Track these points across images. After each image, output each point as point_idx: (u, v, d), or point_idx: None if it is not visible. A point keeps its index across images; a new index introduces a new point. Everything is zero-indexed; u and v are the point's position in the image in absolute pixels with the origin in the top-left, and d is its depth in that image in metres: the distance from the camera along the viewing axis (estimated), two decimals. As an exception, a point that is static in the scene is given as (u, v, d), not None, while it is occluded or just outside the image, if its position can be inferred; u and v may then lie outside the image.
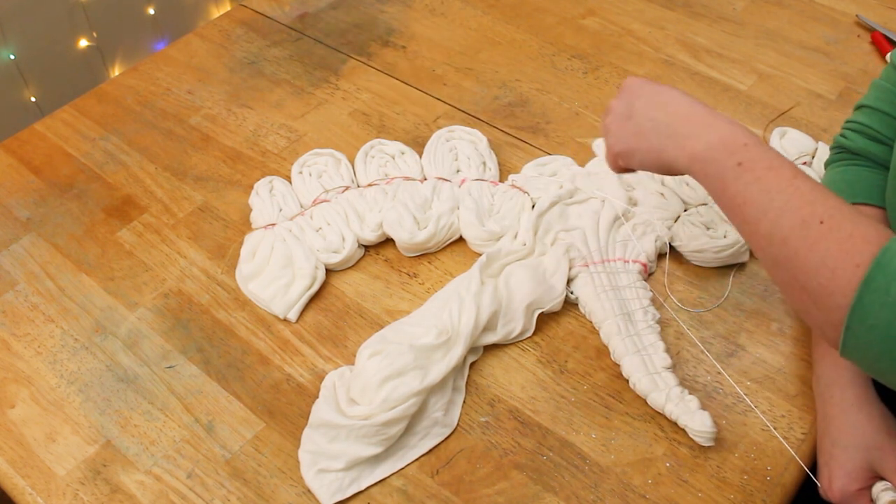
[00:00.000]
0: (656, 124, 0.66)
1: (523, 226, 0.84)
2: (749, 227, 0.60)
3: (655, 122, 0.66)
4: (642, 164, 0.68)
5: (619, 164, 0.71)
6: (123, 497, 0.68)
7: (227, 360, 0.77)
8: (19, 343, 0.79)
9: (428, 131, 0.98)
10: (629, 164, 0.69)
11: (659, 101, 0.67)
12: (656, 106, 0.67)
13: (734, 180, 0.60)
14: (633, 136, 0.68)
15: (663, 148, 0.65)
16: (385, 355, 0.71)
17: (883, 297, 0.51)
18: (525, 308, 0.77)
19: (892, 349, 0.51)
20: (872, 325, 0.51)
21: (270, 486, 0.69)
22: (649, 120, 0.67)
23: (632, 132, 0.68)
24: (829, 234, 0.54)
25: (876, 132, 0.78)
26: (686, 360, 0.76)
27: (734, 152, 0.61)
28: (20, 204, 0.92)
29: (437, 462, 0.70)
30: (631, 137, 0.68)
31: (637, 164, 0.69)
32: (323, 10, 1.18)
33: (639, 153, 0.67)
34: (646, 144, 0.66)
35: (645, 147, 0.67)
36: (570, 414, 0.73)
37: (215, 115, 1.02)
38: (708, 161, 0.62)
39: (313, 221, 0.86)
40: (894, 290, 0.50)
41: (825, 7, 1.16)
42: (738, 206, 0.60)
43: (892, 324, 0.50)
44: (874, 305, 0.51)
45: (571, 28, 1.13)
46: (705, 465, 0.69)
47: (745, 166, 0.60)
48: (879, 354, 0.52)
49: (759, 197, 0.59)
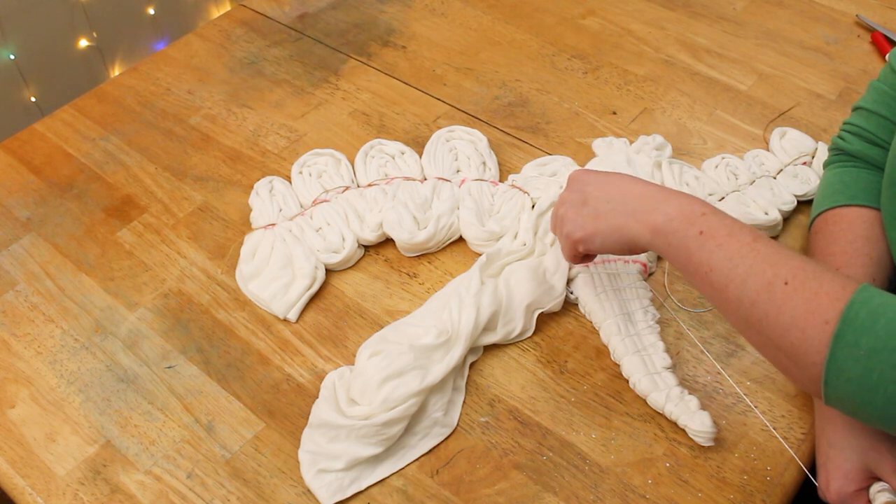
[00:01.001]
0: (613, 205, 0.67)
1: (523, 226, 0.84)
2: (717, 294, 0.61)
3: (612, 203, 0.67)
4: (603, 244, 0.68)
5: (579, 250, 0.71)
6: (123, 497, 0.68)
7: (227, 360, 0.77)
8: (19, 343, 0.79)
9: (428, 131, 0.98)
10: (590, 248, 0.70)
11: (611, 183, 0.69)
12: (609, 188, 0.68)
13: (697, 249, 0.61)
14: (591, 220, 0.68)
15: (623, 225, 0.66)
16: (385, 355, 0.71)
17: (854, 352, 0.53)
18: (525, 308, 0.77)
19: (870, 399, 0.53)
20: (849, 379, 0.53)
21: (270, 486, 0.69)
22: (605, 202, 0.68)
23: (589, 217, 0.68)
24: (794, 294, 0.56)
25: (872, 135, 0.78)
26: (686, 360, 0.76)
27: (693, 222, 0.62)
28: (20, 204, 0.92)
29: (437, 462, 0.70)
30: (589, 222, 0.68)
31: (598, 247, 0.69)
32: (323, 10, 1.18)
33: (599, 235, 0.68)
34: (605, 225, 0.67)
35: (604, 228, 0.67)
36: (570, 414, 0.73)
37: (215, 115, 1.02)
38: (669, 232, 0.63)
39: (313, 221, 0.86)
40: (864, 343, 0.52)
41: (825, 7, 1.16)
42: (704, 274, 0.61)
43: (866, 375, 0.52)
44: (847, 360, 0.53)
45: (571, 28, 1.14)
46: (705, 465, 0.69)
47: (707, 234, 0.61)
48: (860, 404, 0.54)
49: (724, 264, 0.60)
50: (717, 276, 0.60)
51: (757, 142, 0.97)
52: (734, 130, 0.98)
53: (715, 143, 0.97)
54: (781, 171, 0.91)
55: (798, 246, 0.86)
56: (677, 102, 1.02)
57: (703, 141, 0.97)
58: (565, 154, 0.95)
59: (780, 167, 0.92)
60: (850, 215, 0.77)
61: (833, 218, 0.78)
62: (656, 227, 0.64)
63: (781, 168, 0.91)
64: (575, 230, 0.70)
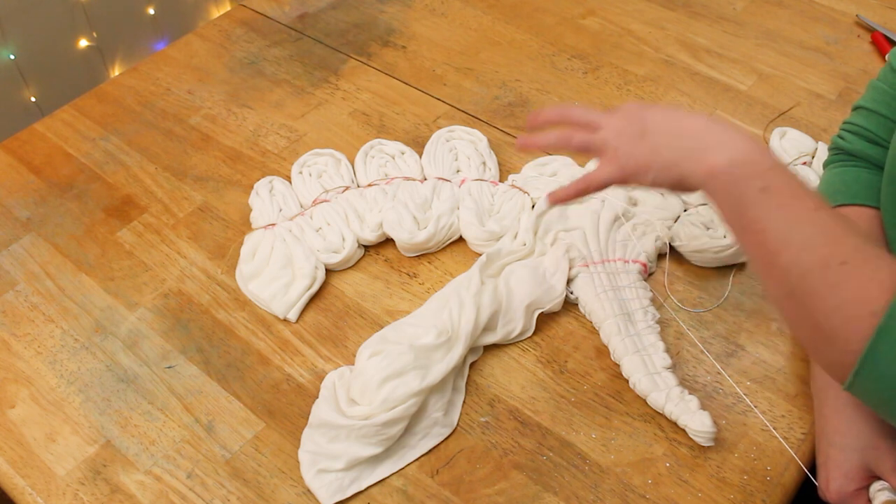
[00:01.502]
0: (673, 138, 0.63)
1: (523, 226, 0.84)
2: (766, 257, 0.57)
3: (672, 137, 0.63)
4: (656, 180, 0.64)
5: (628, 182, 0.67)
6: (123, 497, 0.68)
7: (227, 360, 0.77)
8: (19, 343, 0.79)
9: (428, 131, 0.98)
10: (641, 181, 0.66)
11: (673, 116, 0.65)
12: (672, 120, 0.64)
13: (755, 205, 0.57)
14: (647, 154, 0.64)
15: (680, 161, 0.62)
16: (385, 355, 0.71)
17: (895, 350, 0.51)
18: (525, 308, 0.77)
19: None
20: (883, 375, 0.52)
21: (270, 486, 0.69)
22: (665, 134, 0.64)
23: (647, 150, 0.64)
24: (849, 277, 0.53)
25: (872, 134, 0.78)
26: (686, 360, 0.76)
27: (758, 175, 0.58)
28: (20, 204, 0.92)
29: (437, 462, 0.70)
30: (646, 155, 0.64)
31: (650, 181, 0.65)
32: (323, 10, 1.18)
33: (653, 169, 0.64)
34: (661, 160, 0.63)
35: (660, 163, 0.63)
36: (570, 414, 0.73)
37: (215, 115, 1.02)
38: (729, 180, 0.59)
39: (313, 221, 0.86)
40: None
41: (825, 7, 1.16)
42: (756, 233, 0.57)
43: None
44: (887, 356, 0.51)
45: (571, 28, 1.13)
46: (705, 465, 0.69)
47: (770, 191, 0.57)
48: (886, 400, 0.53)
49: (781, 227, 0.56)
50: (771, 238, 0.56)
51: (757, 142, 0.97)
52: (734, 130, 0.98)
53: (715, 143, 0.97)
54: (781, 171, 0.91)
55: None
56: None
57: (703, 141, 0.97)
58: (565, 154, 0.95)
59: (780, 167, 0.91)
60: (851, 215, 0.77)
61: None
62: (715, 170, 0.59)
63: (781, 168, 0.91)
64: (629, 163, 0.65)
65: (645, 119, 0.66)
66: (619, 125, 0.68)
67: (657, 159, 0.64)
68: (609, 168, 0.67)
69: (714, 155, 0.60)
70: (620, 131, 0.67)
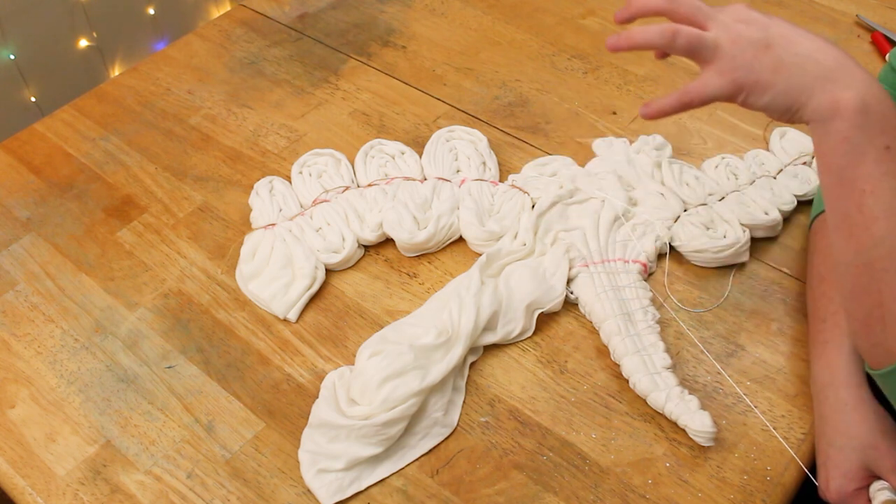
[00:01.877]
0: (804, 58, 0.55)
1: (523, 226, 0.84)
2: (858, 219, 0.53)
3: (803, 56, 0.55)
4: (772, 102, 0.56)
5: (738, 99, 0.58)
6: (123, 497, 0.68)
7: (227, 360, 0.77)
8: (19, 343, 0.79)
9: (428, 131, 0.98)
10: (756, 100, 0.57)
11: (801, 33, 0.57)
12: (801, 37, 0.56)
13: (874, 162, 0.52)
14: (771, 70, 0.56)
15: (807, 88, 0.54)
16: (385, 355, 0.71)
17: None
18: (525, 308, 0.77)
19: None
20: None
21: (270, 486, 0.69)
22: (794, 55, 0.55)
23: (769, 65, 0.56)
24: None
25: None
26: (686, 360, 0.76)
27: (886, 131, 0.52)
28: (20, 204, 0.92)
29: (437, 462, 0.70)
30: (769, 71, 0.56)
31: (765, 103, 0.57)
32: (323, 10, 1.18)
33: (772, 91, 0.56)
34: (786, 83, 0.55)
35: (783, 85, 0.55)
36: (570, 414, 0.73)
37: (215, 115, 1.02)
38: (855, 125, 0.52)
39: (313, 221, 0.86)
40: None
41: (825, 7, 1.16)
42: (859, 192, 0.52)
43: None
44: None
45: (571, 28, 1.13)
46: (705, 465, 0.69)
47: (893, 153, 0.52)
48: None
49: (889, 195, 0.52)
50: (874, 203, 0.52)
51: (757, 142, 0.97)
52: (734, 130, 0.98)
53: (715, 143, 0.97)
54: (781, 171, 0.91)
55: (798, 246, 0.86)
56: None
57: (703, 141, 0.97)
58: (565, 154, 0.95)
59: (781, 167, 0.92)
60: None
61: None
62: (843, 108, 0.53)
63: (781, 168, 0.91)
64: (747, 77, 0.56)
65: (769, 27, 0.57)
66: (737, 28, 0.58)
67: (781, 79, 0.55)
68: (720, 80, 0.57)
69: (845, 91, 0.53)
70: (738, 35, 0.57)
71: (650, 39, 0.59)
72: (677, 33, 0.58)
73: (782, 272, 0.83)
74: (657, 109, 0.60)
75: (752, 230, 0.84)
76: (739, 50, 0.57)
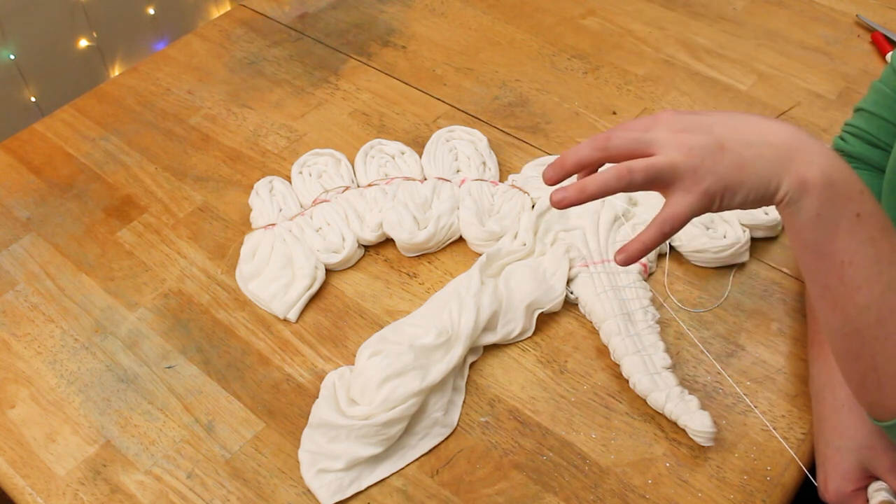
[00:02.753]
0: (759, 150, 0.53)
1: (523, 226, 0.84)
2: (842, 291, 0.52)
3: (756, 147, 0.53)
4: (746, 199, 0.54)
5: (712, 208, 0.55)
6: (123, 497, 0.68)
7: (227, 360, 0.77)
8: (19, 343, 0.79)
9: (428, 131, 0.98)
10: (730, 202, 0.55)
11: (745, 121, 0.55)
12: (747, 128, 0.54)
13: (847, 233, 0.51)
14: (734, 171, 0.53)
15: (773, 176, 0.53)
16: (385, 355, 0.71)
17: None
18: (525, 308, 0.77)
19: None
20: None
21: (270, 486, 0.69)
22: (749, 146, 0.53)
23: (733, 166, 0.53)
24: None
25: (873, 138, 0.78)
26: (686, 360, 0.76)
27: (853, 197, 0.52)
28: (20, 204, 0.92)
29: (437, 462, 0.70)
30: (732, 172, 0.53)
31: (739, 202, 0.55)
32: (323, 10, 1.18)
33: (744, 188, 0.53)
34: (753, 177, 0.53)
35: (752, 181, 0.53)
36: (570, 414, 0.73)
37: (215, 115, 1.02)
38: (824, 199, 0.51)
39: (313, 221, 0.86)
40: None
41: (825, 7, 1.16)
42: (838, 264, 0.52)
43: None
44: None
45: (571, 28, 1.14)
46: (705, 465, 0.69)
47: (863, 220, 0.51)
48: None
49: (867, 263, 0.51)
50: (854, 273, 0.51)
51: (757, 142, 0.97)
52: (734, 130, 0.98)
53: (715, 143, 0.97)
54: (781, 171, 0.91)
55: (798, 246, 0.86)
56: (677, 102, 1.02)
57: (703, 141, 0.97)
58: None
59: (780, 167, 0.91)
60: None
61: None
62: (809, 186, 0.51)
63: (781, 168, 0.91)
64: (715, 185, 0.53)
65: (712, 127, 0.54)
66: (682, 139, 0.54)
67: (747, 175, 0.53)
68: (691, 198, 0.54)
69: (808, 168, 0.52)
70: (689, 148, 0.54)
71: (607, 185, 0.54)
72: (632, 171, 0.54)
73: (782, 272, 0.83)
74: (636, 250, 0.56)
75: (752, 230, 0.84)
76: (697, 161, 0.53)
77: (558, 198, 0.55)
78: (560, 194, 0.56)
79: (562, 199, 0.55)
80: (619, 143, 0.55)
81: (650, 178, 0.54)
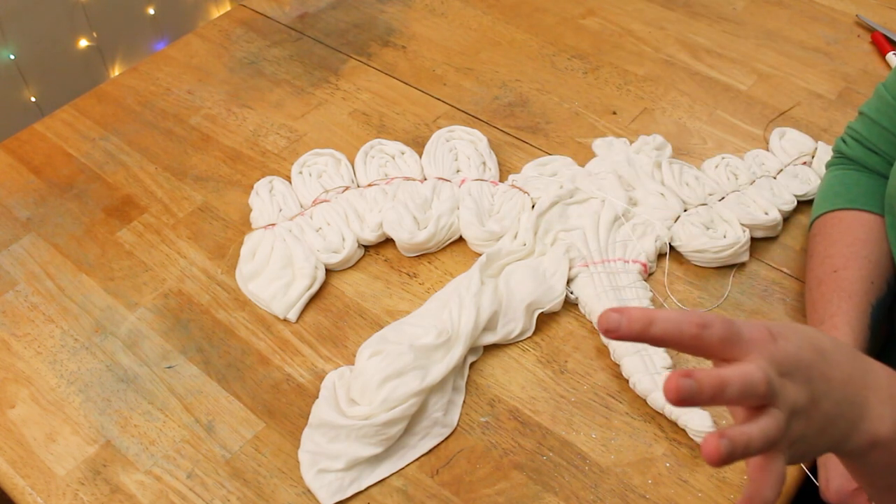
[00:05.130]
0: (841, 409, 0.46)
1: (523, 226, 0.84)
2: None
3: (840, 407, 0.46)
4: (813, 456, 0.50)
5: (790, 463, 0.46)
6: (123, 497, 0.68)
7: (227, 360, 0.77)
8: (19, 343, 0.79)
9: (428, 131, 0.98)
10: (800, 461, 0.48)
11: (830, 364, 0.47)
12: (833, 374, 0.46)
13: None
14: (819, 436, 0.46)
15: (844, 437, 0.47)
16: (385, 355, 0.71)
17: None
18: (525, 308, 0.77)
19: None
20: None
21: (270, 486, 0.69)
22: (835, 403, 0.46)
23: (818, 429, 0.46)
24: None
25: (872, 145, 0.79)
26: (686, 360, 0.76)
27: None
28: (20, 204, 0.92)
29: (437, 462, 0.70)
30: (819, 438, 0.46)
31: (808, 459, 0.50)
32: (323, 10, 1.18)
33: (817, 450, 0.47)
34: (828, 441, 0.47)
35: (826, 443, 0.47)
36: (570, 414, 0.73)
37: (215, 115, 1.02)
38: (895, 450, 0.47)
39: (313, 221, 0.86)
40: None
41: (825, 7, 1.16)
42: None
43: None
44: None
45: (571, 28, 1.13)
46: (705, 465, 0.69)
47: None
48: None
49: None
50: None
51: (757, 142, 0.97)
52: (734, 130, 0.98)
53: (715, 143, 0.97)
54: (781, 171, 0.91)
55: (798, 246, 0.86)
56: (677, 102, 1.02)
57: (703, 141, 0.97)
58: (565, 154, 0.95)
59: (781, 167, 0.92)
60: (849, 218, 0.77)
61: (832, 221, 0.78)
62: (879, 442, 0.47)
63: (781, 168, 0.91)
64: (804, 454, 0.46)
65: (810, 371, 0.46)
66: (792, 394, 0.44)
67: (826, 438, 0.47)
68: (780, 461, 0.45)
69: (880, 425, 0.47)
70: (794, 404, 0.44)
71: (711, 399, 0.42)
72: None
73: (782, 272, 0.83)
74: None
75: (752, 230, 0.84)
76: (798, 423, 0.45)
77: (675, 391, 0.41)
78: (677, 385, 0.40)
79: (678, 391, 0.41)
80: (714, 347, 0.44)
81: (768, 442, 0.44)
